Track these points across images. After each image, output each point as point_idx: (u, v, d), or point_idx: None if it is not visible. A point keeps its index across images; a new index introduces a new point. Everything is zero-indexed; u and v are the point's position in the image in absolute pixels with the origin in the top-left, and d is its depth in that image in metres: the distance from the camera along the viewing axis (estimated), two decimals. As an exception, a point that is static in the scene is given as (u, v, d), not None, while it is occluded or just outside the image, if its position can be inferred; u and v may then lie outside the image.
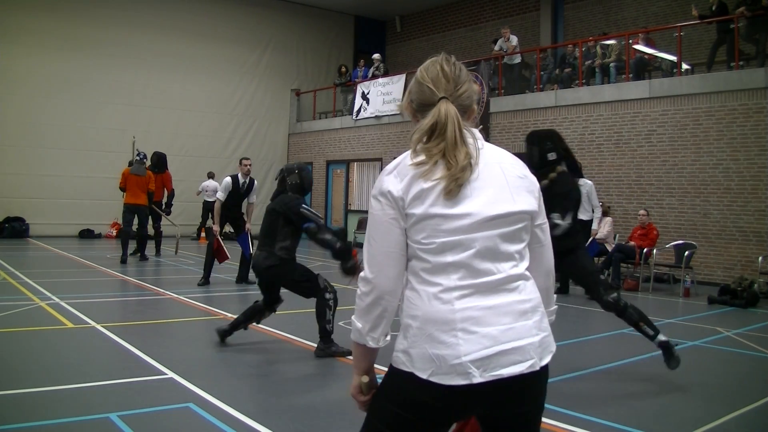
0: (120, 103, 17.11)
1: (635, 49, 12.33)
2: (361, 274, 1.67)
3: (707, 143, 10.67)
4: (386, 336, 1.68)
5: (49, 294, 7.68)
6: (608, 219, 10.68)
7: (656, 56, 12.54)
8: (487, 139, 8.41)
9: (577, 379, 4.77)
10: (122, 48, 17.14)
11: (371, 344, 1.67)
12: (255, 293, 8.59)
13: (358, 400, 1.75)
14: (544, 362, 1.63)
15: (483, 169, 1.64)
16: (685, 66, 11.89)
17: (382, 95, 16.98)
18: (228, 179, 8.97)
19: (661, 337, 4.74)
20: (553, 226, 4.56)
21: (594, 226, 9.29)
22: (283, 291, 5.52)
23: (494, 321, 1.58)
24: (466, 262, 1.59)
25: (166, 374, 4.54)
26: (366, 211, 17.39)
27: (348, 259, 4.88)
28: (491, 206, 1.61)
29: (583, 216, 9.00)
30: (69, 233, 16.28)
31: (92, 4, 16.77)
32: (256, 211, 10.03)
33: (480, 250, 1.60)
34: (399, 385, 1.62)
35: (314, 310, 5.41)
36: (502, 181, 1.65)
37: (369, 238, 1.66)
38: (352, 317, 1.69)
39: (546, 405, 1.75)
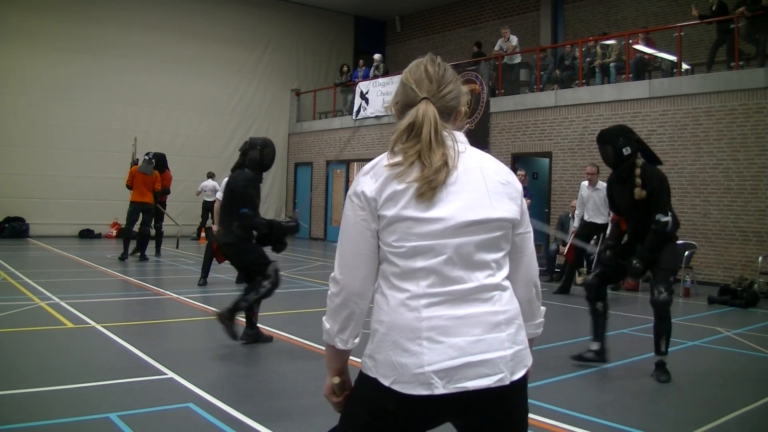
0: (120, 103, 17.11)
1: (635, 49, 12.33)
2: (332, 274, 1.65)
3: (707, 143, 10.67)
4: (355, 338, 1.65)
5: (49, 294, 7.68)
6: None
7: (656, 56, 12.54)
8: (487, 138, 8.61)
9: (577, 379, 4.77)
10: (122, 48, 17.13)
11: (339, 345, 1.65)
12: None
13: (331, 401, 1.73)
14: (516, 377, 1.56)
15: (462, 173, 1.58)
16: (685, 66, 11.89)
17: (382, 95, 16.97)
18: (227, 179, 8.96)
19: (663, 359, 4.78)
20: (664, 225, 4.66)
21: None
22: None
23: (463, 331, 1.52)
24: (436, 268, 1.54)
25: (166, 374, 4.54)
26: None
27: (286, 229, 5.25)
28: (467, 212, 1.55)
29: (597, 219, 9.03)
30: (69, 233, 16.28)
31: (92, 5, 16.76)
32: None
33: (452, 257, 1.54)
34: (366, 391, 1.60)
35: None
36: (482, 187, 1.59)
37: (340, 239, 1.64)
38: (323, 318, 1.67)
39: (546, 405, 1.75)
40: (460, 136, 1.65)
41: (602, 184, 9.04)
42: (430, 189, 1.53)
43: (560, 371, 4.92)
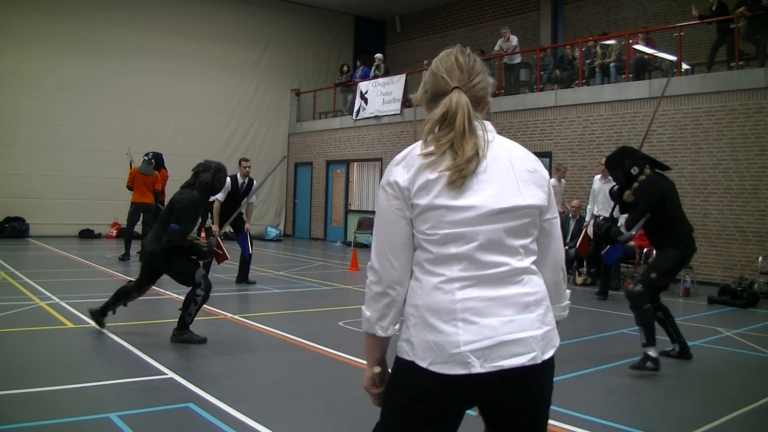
0: (120, 103, 17.10)
1: (635, 49, 12.33)
2: (369, 263, 1.69)
3: (707, 143, 10.67)
4: (395, 325, 1.68)
5: (49, 294, 7.67)
6: (608, 219, 10.69)
7: (656, 56, 12.54)
8: None
9: (577, 379, 4.77)
10: (123, 49, 17.13)
11: (380, 333, 1.67)
12: (256, 293, 8.60)
13: (371, 393, 1.75)
14: (546, 356, 1.62)
15: (491, 162, 1.64)
16: (685, 66, 11.89)
17: (382, 95, 16.98)
18: (227, 180, 8.98)
19: (651, 353, 4.86)
20: (617, 231, 5.32)
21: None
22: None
23: (496, 312, 1.57)
24: (469, 254, 1.59)
25: (166, 374, 4.54)
26: (366, 211, 17.42)
27: (201, 253, 5.61)
28: (497, 200, 1.60)
29: (607, 213, 8.94)
30: (69, 233, 16.28)
31: (92, 6, 16.75)
32: (256, 210, 10.12)
33: (483, 243, 1.59)
34: (404, 375, 1.62)
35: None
36: (511, 175, 1.64)
37: (376, 229, 1.68)
38: (362, 307, 1.70)
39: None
40: (489, 125, 1.72)
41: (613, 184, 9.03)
42: (461, 177, 1.58)
43: (560, 371, 4.91)
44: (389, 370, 1.72)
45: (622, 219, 5.49)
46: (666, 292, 9.72)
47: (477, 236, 1.58)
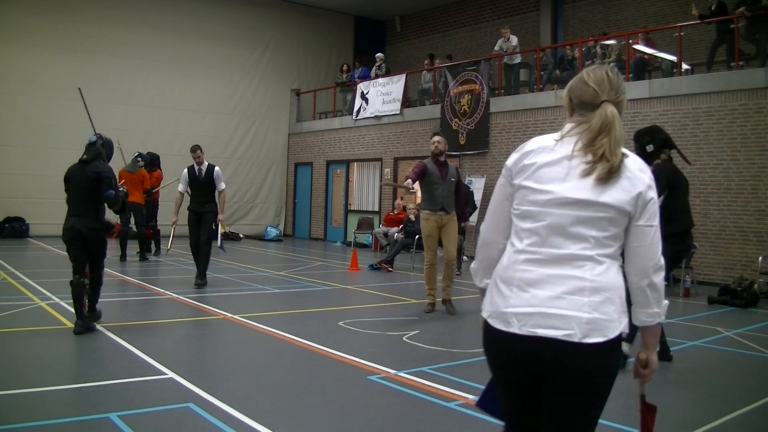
0: (120, 103, 17.09)
1: (635, 49, 12.32)
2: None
3: (707, 143, 10.67)
4: (485, 278, 1.99)
5: (49, 294, 7.68)
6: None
7: (656, 56, 12.54)
8: (487, 138, 8.78)
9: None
10: (122, 48, 17.13)
11: (477, 283, 2.05)
12: (256, 293, 8.59)
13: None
14: (588, 339, 1.74)
15: None
16: (685, 66, 11.89)
17: (382, 95, 16.98)
18: (185, 170, 9.10)
19: (625, 348, 4.71)
20: None
21: None
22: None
23: (547, 287, 1.79)
24: (537, 230, 1.84)
25: (166, 374, 4.54)
26: (366, 211, 17.46)
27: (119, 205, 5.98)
28: (572, 191, 1.81)
29: None
30: (69, 233, 16.25)
31: (92, 5, 16.75)
32: (256, 210, 10.04)
33: (551, 224, 1.82)
34: (484, 327, 1.92)
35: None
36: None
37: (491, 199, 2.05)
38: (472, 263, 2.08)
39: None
40: None
41: None
42: (609, 176, 1.80)
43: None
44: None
45: None
46: (666, 293, 9.74)
47: (546, 217, 1.82)
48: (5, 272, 9.39)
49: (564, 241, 1.80)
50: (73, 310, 6.67)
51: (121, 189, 6.00)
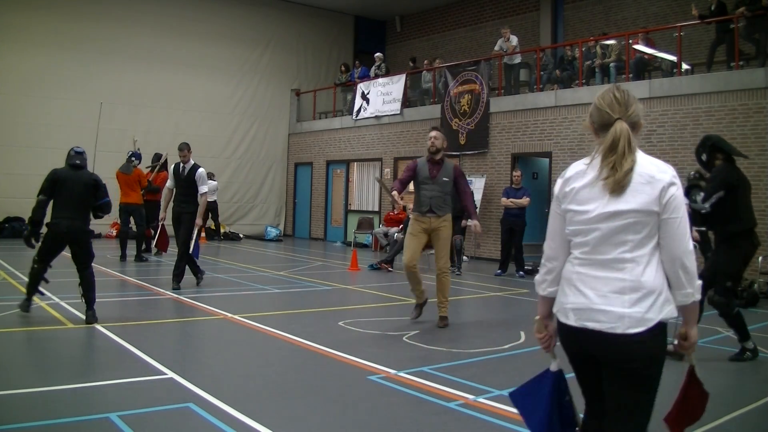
0: (120, 103, 17.08)
1: (635, 49, 12.32)
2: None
3: (707, 143, 10.65)
4: (550, 288, 2.34)
5: (49, 294, 7.67)
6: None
7: (656, 56, 12.53)
8: (487, 138, 8.85)
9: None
10: (122, 47, 17.12)
11: (539, 291, 2.39)
12: (256, 293, 8.59)
13: (537, 337, 2.44)
14: (630, 330, 2.07)
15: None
16: (685, 66, 11.88)
17: (382, 95, 16.97)
18: (172, 166, 9.04)
19: (748, 345, 5.44)
20: (698, 207, 5.53)
21: None
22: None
23: (595, 287, 2.15)
24: (587, 242, 2.19)
25: (166, 374, 4.54)
26: (366, 211, 17.47)
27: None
28: (606, 206, 2.14)
29: None
30: (69, 233, 16.25)
31: (92, 5, 16.74)
32: (256, 210, 9.85)
33: (597, 236, 2.16)
34: (557, 322, 2.31)
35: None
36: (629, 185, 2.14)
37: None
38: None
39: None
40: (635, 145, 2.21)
41: None
42: (620, 188, 2.12)
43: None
44: (552, 325, 2.40)
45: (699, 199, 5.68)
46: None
47: (592, 231, 2.17)
48: (5, 272, 9.38)
49: (608, 248, 2.15)
50: (73, 310, 6.67)
51: (106, 198, 6.57)
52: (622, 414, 2.14)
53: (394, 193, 6.44)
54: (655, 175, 2.11)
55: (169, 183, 8.94)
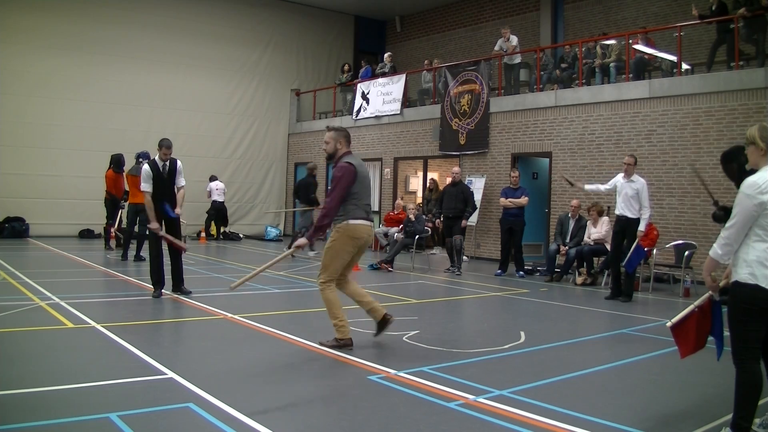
0: (120, 103, 17.10)
1: (635, 49, 12.32)
2: (729, 232, 3.50)
3: (707, 143, 10.67)
4: (728, 261, 3.52)
5: (49, 294, 7.68)
6: (605, 219, 10.66)
7: (656, 56, 12.54)
8: (487, 138, 8.90)
9: (577, 379, 4.77)
10: (122, 48, 17.14)
11: (725, 261, 3.52)
12: (256, 293, 8.58)
13: (709, 285, 3.78)
14: None
15: None
16: (685, 66, 11.89)
17: (382, 95, 16.98)
18: (146, 167, 7.94)
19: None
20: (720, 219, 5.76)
21: (641, 227, 8.67)
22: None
23: None
24: None
25: (166, 374, 4.54)
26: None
27: None
28: None
29: (627, 213, 8.80)
30: (69, 233, 16.28)
31: (93, 4, 16.76)
32: (255, 210, 9.74)
33: None
34: (748, 291, 3.35)
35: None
36: None
37: (738, 216, 3.42)
38: (716, 248, 3.49)
39: (546, 405, 1.76)
40: None
41: (638, 179, 8.91)
42: None
43: (560, 371, 4.92)
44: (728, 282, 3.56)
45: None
46: (666, 292, 9.75)
47: None
48: (5, 272, 9.38)
49: None
50: (73, 310, 6.67)
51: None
52: None
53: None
54: None
55: (147, 186, 7.83)
